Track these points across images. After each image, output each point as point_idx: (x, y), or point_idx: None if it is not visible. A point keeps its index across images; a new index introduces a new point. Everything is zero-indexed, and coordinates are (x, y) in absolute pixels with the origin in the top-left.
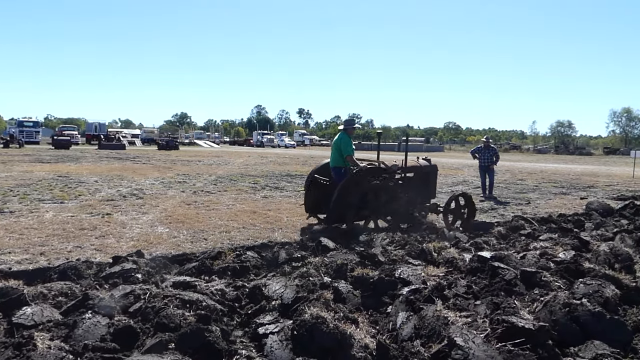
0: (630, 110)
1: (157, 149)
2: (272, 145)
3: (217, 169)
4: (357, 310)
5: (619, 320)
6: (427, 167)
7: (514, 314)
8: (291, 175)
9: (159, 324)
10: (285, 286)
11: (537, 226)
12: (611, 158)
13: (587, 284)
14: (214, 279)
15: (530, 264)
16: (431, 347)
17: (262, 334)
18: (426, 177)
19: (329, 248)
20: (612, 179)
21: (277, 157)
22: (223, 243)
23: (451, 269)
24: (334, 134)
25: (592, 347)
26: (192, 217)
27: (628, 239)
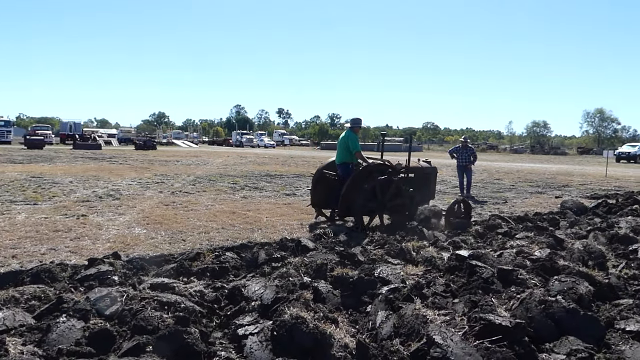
0: (602, 111)
1: (135, 149)
2: (252, 145)
3: (196, 169)
4: (336, 310)
5: (592, 316)
6: (427, 168)
7: (491, 311)
8: (271, 176)
9: (137, 327)
10: (264, 287)
11: (514, 225)
12: (585, 158)
13: (562, 281)
14: (193, 280)
15: (507, 262)
16: (410, 345)
17: (241, 335)
18: (427, 177)
19: (309, 248)
20: (586, 178)
21: (256, 157)
22: (202, 244)
23: (430, 268)
24: (313, 134)
25: (566, 343)
26: (170, 218)
27: (601, 237)
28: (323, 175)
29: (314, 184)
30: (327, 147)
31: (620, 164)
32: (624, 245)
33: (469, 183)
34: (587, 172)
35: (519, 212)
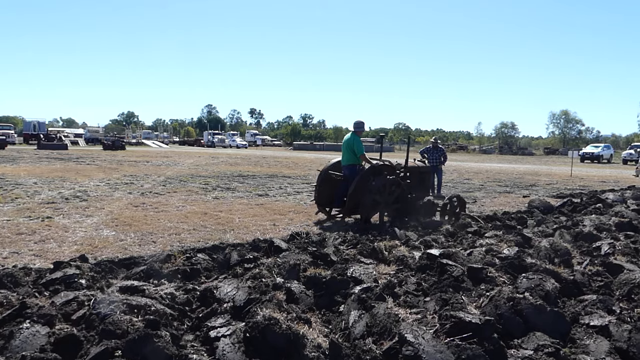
0: (567, 112)
1: (103, 149)
2: (224, 145)
3: (166, 170)
4: (310, 310)
5: (558, 312)
6: (423, 167)
7: (461, 309)
8: (243, 176)
9: (105, 331)
10: (237, 288)
11: (483, 224)
12: (551, 158)
13: (530, 278)
14: (164, 283)
15: (476, 261)
16: (383, 344)
17: (213, 338)
18: (422, 176)
19: (282, 249)
20: (552, 178)
21: (228, 157)
22: (173, 245)
23: (402, 267)
24: (286, 134)
25: (534, 339)
26: (140, 220)
27: (566, 235)
28: (329, 175)
29: (319, 183)
30: (300, 148)
31: (585, 164)
32: (588, 242)
33: (439, 183)
34: (553, 172)
35: (488, 212)
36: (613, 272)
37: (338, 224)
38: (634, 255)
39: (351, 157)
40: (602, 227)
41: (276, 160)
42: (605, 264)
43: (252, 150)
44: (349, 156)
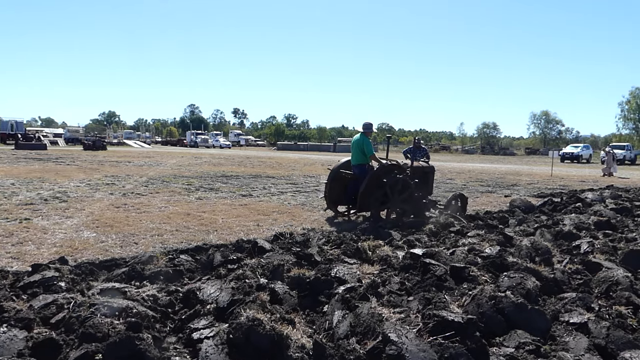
0: (548, 113)
1: (83, 149)
2: (207, 145)
3: (149, 170)
4: (293, 311)
5: (539, 310)
6: (427, 167)
7: (444, 308)
8: (227, 176)
9: (85, 335)
10: (220, 289)
11: (466, 223)
12: (532, 158)
13: (511, 277)
14: (146, 285)
15: (459, 260)
16: (366, 344)
17: (196, 339)
18: (426, 176)
19: (265, 249)
20: (533, 178)
21: (211, 157)
22: (155, 247)
23: (385, 267)
24: (270, 134)
25: (515, 336)
26: (121, 221)
27: (547, 234)
28: (339, 174)
29: (329, 182)
30: (284, 148)
31: (565, 163)
32: (568, 241)
33: None
34: (534, 171)
35: (470, 211)
36: (592, 270)
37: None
38: (612, 254)
39: (360, 157)
40: (582, 226)
41: (260, 161)
42: (585, 263)
43: (235, 151)
44: (358, 156)
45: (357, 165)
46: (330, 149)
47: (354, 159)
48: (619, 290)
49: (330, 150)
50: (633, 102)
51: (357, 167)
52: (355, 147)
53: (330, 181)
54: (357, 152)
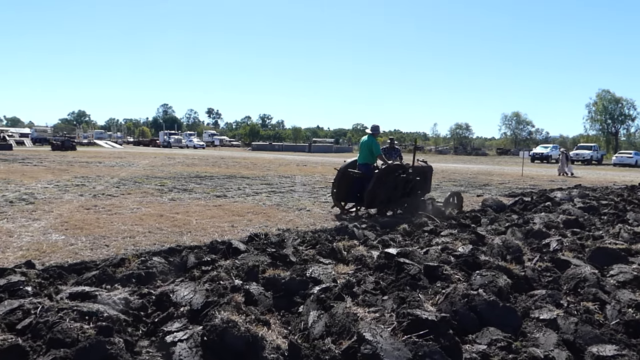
0: (519, 114)
1: (51, 149)
2: (180, 145)
3: (120, 171)
4: (268, 312)
5: (510, 307)
6: (425, 167)
7: (418, 307)
8: (200, 177)
9: (53, 340)
10: (194, 291)
11: (439, 222)
12: (503, 158)
13: (483, 275)
14: (117, 288)
15: (432, 259)
16: (342, 343)
17: (170, 342)
18: (425, 175)
19: (240, 250)
20: (505, 178)
21: (185, 158)
22: (127, 249)
23: (360, 266)
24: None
25: (487, 334)
26: (91, 223)
27: (518, 232)
28: (346, 173)
29: (337, 180)
30: (259, 148)
31: (535, 163)
32: (538, 239)
33: None
34: (506, 171)
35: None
36: (561, 267)
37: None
38: (580, 251)
39: (368, 157)
40: (551, 225)
41: (234, 161)
42: (554, 260)
43: (209, 151)
44: (366, 156)
45: (364, 164)
46: (306, 150)
47: (361, 158)
48: (587, 287)
49: (305, 151)
50: (599, 104)
51: (364, 166)
52: (364, 147)
53: (338, 180)
54: (365, 152)
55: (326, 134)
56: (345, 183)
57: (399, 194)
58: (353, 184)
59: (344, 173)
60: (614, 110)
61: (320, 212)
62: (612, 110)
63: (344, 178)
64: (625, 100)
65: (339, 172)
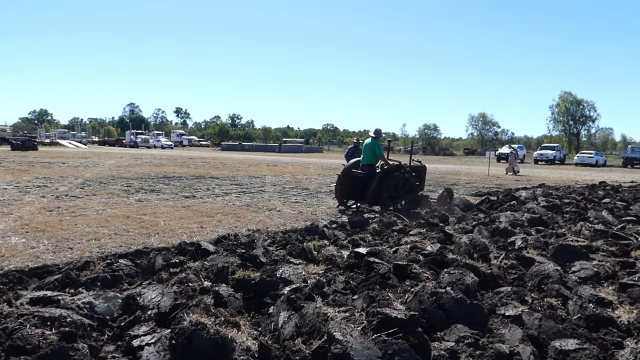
0: (485, 115)
1: (11, 149)
2: (148, 145)
3: (85, 172)
4: (238, 314)
5: (477, 305)
6: (420, 166)
7: (387, 305)
8: (169, 177)
9: (13, 347)
10: (162, 294)
11: (408, 222)
12: (470, 158)
13: (451, 273)
14: (81, 292)
15: (402, 258)
16: (312, 343)
17: (136, 347)
18: (420, 174)
19: (209, 252)
20: (472, 177)
21: (153, 158)
22: (92, 252)
23: (330, 266)
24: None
25: (455, 331)
26: (54, 225)
27: (484, 231)
28: (350, 172)
29: (340, 179)
30: (228, 148)
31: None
32: (503, 238)
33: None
34: (473, 171)
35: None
36: (526, 265)
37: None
38: (543, 249)
39: (371, 158)
40: (516, 223)
41: (204, 161)
42: (519, 258)
43: (178, 151)
44: (369, 157)
45: (368, 165)
46: (276, 150)
47: (365, 159)
48: (550, 283)
49: (275, 151)
50: (562, 106)
51: (368, 166)
52: (367, 149)
53: (341, 178)
54: (368, 154)
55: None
56: (349, 181)
57: (399, 192)
58: (355, 183)
59: (348, 173)
60: (576, 111)
61: (291, 212)
62: (573, 112)
63: (347, 177)
64: (586, 102)
65: (342, 171)
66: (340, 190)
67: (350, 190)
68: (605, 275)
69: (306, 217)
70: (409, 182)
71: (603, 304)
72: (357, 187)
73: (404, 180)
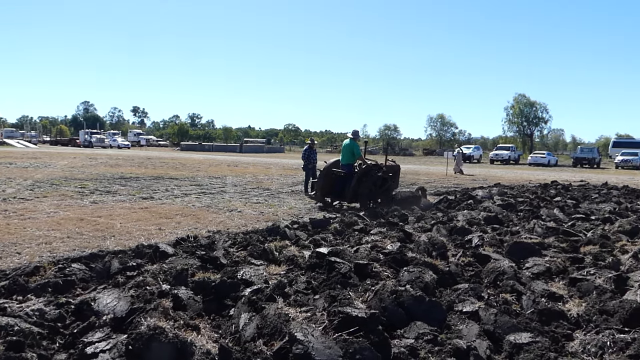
0: (443, 116)
1: None
2: (103, 145)
3: (35, 173)
4: (198, 317)
5: (435, 302)
6: (395, 166)
7: (348, 304)
8: (125, 178)
9: None
10: (118, 298)
11: (369, 221)
12: (429, 158)
13: (410, 271)
14: (30, 298)
15: (362, 257)
16: (273, 344)
17: (90, 354)
18: (395, 173)
19: (168, 254)
20: (430, 177)
21: (109, 158)
22: (42, 256)
23: (292, 267)
24: (173, 134)
25: (414, 328)
26: (0, 229)
27: (442, 230)
28: (330, 171)
29: (321, 177)
30: (188, 148)
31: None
32: (461, 236)
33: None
34: (431, 171)
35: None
36: (482, 262)
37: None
38: (499, 246)
39: (350, 158)
40: (473, 222)
41: (162, 162)
42: (476, 255)
43: (135, 151)
44: (348, 157)
45: (347, 164)
46: (237, 150)
47: (344, 159)
48: (505, 280)
49: (236, 151)
50: (516, 107)
51: (347, 166)
52: (346, 150)
53: (322, 177)
54: (347, 154)
55: (258, 134)
56: (328, 180)
57: (377, 190)
58: (335, 181)
59: (328, 172)
60: (529, 113)
61: (252, 213)
62: (527, 113)
63: (328, 176)
64: (539, 104)
65: (322, 171)
66: (322, 189)
67: (330, 189)
68: (557, 270)
69: (267, 218)
70: (385, 180)
71: (554, 298)
72: (337, 186)
73: (381, 179)
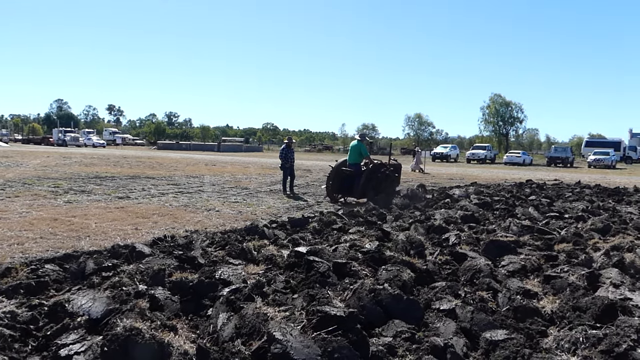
0: (421, 115)
1: None
2: (78, 144)
3: (6, 172)
4: (175, 317)
5: (413, 300)
6: (397, 164)
7: (327, 303)
8: (101, 178)
9: None
10: (93, 299)
11: (347, 220)
12: (407, 157)
13: (389, 270)
14: (2, 300)
15: (341, 256)
16: (252, 344)
17: (64, 356)
18: (397, 170)
19: (144, 254)
20: (408, 176)
21: (83, 157)
22: (13, 257)
23: (270, 266)
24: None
25: (393, 326)
26: None
27: (420, 228)
28: (339, 170)
29: (331, 176)
30: (165, 147)
31: (436, 162)
32: (438, 234)
33: (292, 181)
34: (409, 170)
35: (351, 208)
36: (459, 260)
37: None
38: (475, 244)
39: (357, 158)
40: (450, 220)
41: (138, 161)
42: (453, 253)
43: (111, 150)
44: (355, 157)
45: (354, 164)
46: (215, 149)
47: (351, 159)
48: (481, 277)
49: (214, 150)
50: (492, 107)
51: (354, 165)
52: (354, 150)
53: (332, 176)
54: (354, 154)
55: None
56: (338, 178)
57: (382, 186)
58: (344, 179)
59: (338, 171)
60: (505, 113)
61: (230, 212)
62: (503, 113)
63: (337, 175)
64: (514, 104)
65: (332, 170)
66: (332, 186)
67: (340, 186)
68: (532, 268)
69: (246, 217)
70: (390, 177)
71: (529, 295)
72: (345, 183)
73: (386, 177)
